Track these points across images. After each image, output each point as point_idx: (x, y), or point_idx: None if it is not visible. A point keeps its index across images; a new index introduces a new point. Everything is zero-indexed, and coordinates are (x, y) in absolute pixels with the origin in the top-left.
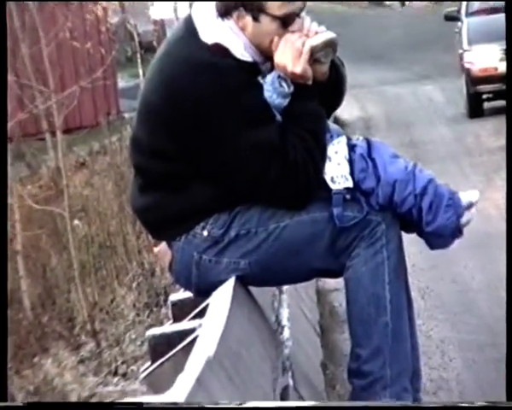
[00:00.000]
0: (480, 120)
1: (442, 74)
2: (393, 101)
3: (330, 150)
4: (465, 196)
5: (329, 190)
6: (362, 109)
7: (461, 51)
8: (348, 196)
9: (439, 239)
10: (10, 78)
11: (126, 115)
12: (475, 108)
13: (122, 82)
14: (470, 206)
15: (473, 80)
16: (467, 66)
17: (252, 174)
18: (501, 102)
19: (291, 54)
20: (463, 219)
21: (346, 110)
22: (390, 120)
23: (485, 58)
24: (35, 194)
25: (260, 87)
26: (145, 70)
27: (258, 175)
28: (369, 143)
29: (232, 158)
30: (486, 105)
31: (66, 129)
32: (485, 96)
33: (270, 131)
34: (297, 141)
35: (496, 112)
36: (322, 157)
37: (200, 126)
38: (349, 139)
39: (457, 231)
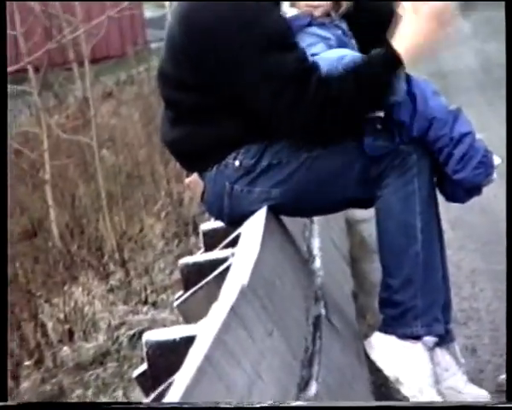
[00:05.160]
0: None
1: (470, 6)
2: None
3: None
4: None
5: None
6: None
7: None
8: (379, 126)
9: (459, 191)
10: (38, 8)
11: (153, 45)
12: None
13: (148, 12)
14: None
15: None
16: None
17: (263, 101)
18: None
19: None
20: (489, 179)
21: None
22: None
23: None
24: (62, 123)
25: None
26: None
27: (269, 103)
28: (408, 78)
29: (244, 84)
30: None
31: (94, 59)
32: None
33: (286, 58)
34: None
35: None
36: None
37: (216, 51)
38: None
39: (478, 190)
